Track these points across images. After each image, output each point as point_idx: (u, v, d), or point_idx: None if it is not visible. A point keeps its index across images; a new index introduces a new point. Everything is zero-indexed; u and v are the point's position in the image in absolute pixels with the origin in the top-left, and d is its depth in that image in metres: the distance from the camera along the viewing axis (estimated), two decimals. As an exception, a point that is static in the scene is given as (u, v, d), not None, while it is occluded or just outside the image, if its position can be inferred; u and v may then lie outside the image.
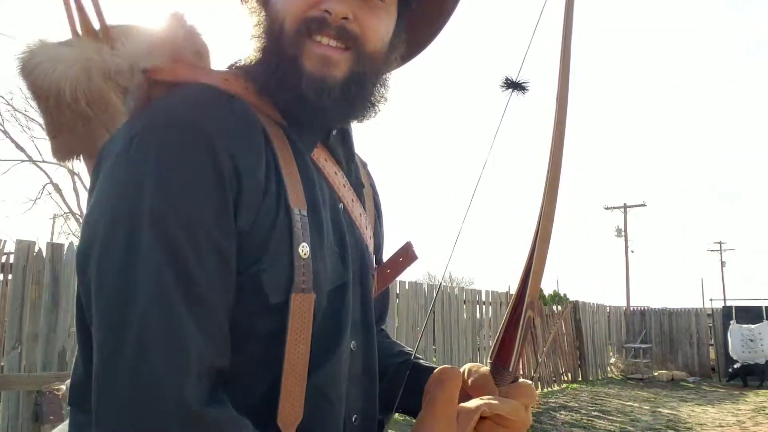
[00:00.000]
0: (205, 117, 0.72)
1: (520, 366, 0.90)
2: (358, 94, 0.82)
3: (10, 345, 4.26)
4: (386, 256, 1.05)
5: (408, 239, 1.02)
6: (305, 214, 0.77)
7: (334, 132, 0.89)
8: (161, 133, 0.71)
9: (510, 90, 0.99)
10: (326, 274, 0.78)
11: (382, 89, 0.87)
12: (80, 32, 0.78)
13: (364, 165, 1.05)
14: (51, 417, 3.34)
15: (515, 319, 0.87)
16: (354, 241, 0.87)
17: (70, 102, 0.75)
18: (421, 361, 1.02)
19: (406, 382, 0.95)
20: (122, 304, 0.65)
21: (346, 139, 0.93)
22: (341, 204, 0.87)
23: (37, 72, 0.75)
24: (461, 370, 0.90)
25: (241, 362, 0.73)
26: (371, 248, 0.93)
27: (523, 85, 1.00)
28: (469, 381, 0.88)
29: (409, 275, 9.81)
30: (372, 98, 0.85)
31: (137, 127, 0.72)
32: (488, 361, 0.89)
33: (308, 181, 0.80)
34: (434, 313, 8.48)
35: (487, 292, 10.09)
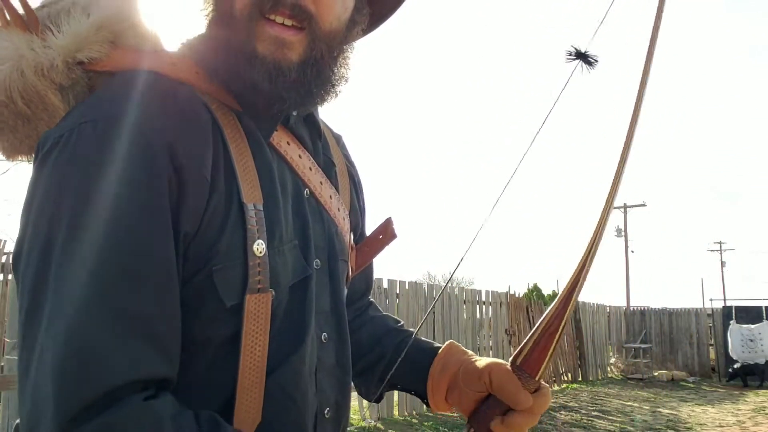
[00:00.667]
0: (141, 111, 0.67)
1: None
2: (316, 77, 0.77)
3: (10, 345, 4.25)
4: (369, 229, 1.03)
5: (389, 215, 1.00)
6: (261, 208, 0.73)
7: (294, 113, 0.84)
8: (89, 131, 0.66)
9: (577, 61, 0.93)
10: (286, 269, 0.75)
11: (342, 69, 0.81)
12: (8, 21, 0.72)
13: (338, 138, 1.00)
14: (51, 417, 3.33)
15: (552, 329, 0.83)
16: (321, 229, 0.84)
17: (6, 102, 0.71)
18: (420, 339, 1.01)
19: (407, 363, 0.94)
20: (35, 321, 0.62)
21: (309, 117, 0.88)
22: (306, 189, 0.83)
23: None
24: (483, 365, 0.87)
25: (200, 371, 0.71)
26: (345, 229, 0.90)
27: (592, 58, 0.93)
28: (492, 379, 0.84)
29: (409, 275, 9.80)
30: (331, 80, 0.80)
31: (65, 127, 0.67)
32: (511, 361, 0.85)
33: (266, 171, 0.76)
34: (434, 313, 8.48)
35: (487, 292, 10.09)
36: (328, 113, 0.97)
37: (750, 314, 13.07)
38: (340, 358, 0.85)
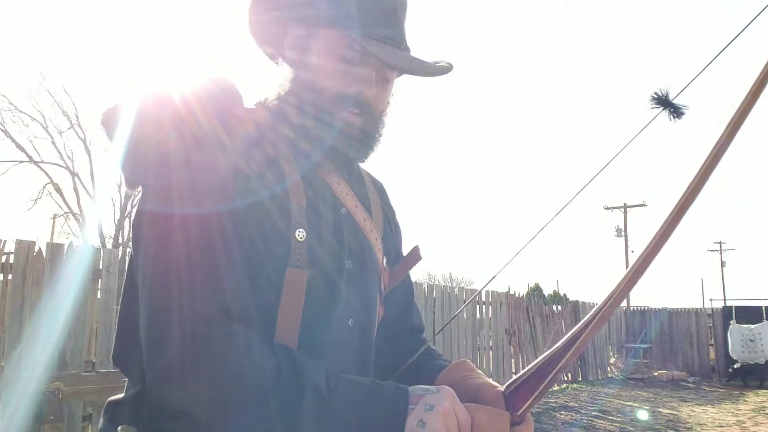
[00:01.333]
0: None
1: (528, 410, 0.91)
2: (364, 146, 1.02)
3: (10, 345, 4.26)
4: None
5: (416, 243, 1.19)
6: (303, 207, 0.94)
7: (341, 160, 1.04)
8: None
9: (661, 109, 0.92)
10: (323, 256, 0.95)
11: (381, 136, 1.05)
12: None
13: (376, 184, 1.21)
14: (51, 417, 3.33)
15: (546, 372, 0.86)
16: (354, 236, 1.02)
17: None
18: (439, 359, 1.13)
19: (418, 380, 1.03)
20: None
21: (351, 166, 1.10)
22: (344, 208, 1.03)
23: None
24: (471, 377, 0.99)
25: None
26: (377, 248, 1.07)
27: (681, 108, 0.92)
28: (482, 396, 0.94)
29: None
30: (373, 145, 1.04)
31: None
32: (505, 386, 0.92)
33: (310, 185, 0.98)
34: (434, 313, 8.49)
35: (487, 292, 10.08)
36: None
37: (750, 314, 13.06)
38: (363, 345, 1.01)
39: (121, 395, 0.95)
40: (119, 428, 0.88)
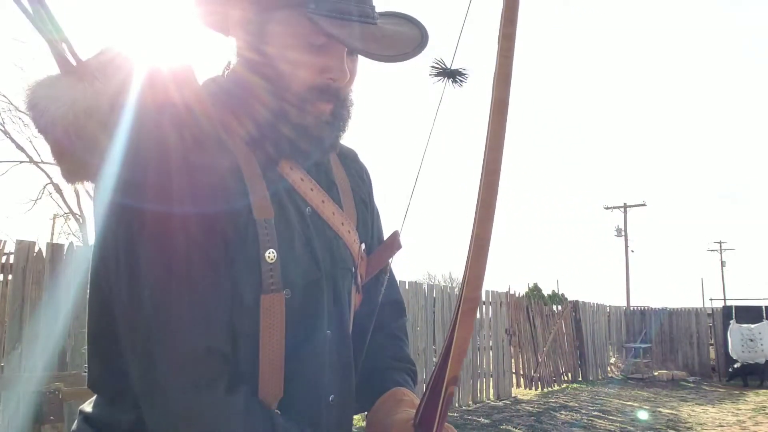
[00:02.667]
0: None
1: None
2: (335, 130, 0.93)
3: (10, 345, 4.26)
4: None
5: (395, 229, 1.11)
6: (271, 222, 0.87)
7: (308, 151, 0.95)
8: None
9: (444, 79, 0.92)
10: (298, 272, 0.89)
11: (350, 115, 0.96)
12: (66, 70, 0.83)
13: (347, 154, 1.12)
14: (51, 417, 3.34)
15: (437, 391, 0.83)
16: (323, 238, 0.96)
17: (62, 138, 0.81)
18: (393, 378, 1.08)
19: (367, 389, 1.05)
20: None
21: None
22: (308, 207, 0.96)
23: (35, 110, 0.81)
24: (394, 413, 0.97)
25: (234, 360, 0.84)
26: (350, 240, 1.01)
27: (461, 72, 0.91)
28: None
29: (409, 275, 9.79)
30: (345, 127, 0.95)
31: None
32: (414, 418, 0.91)
33: (274, 191, 0.90)
34: (434, 313, 8.48)
35: (487, 292, 10.08)
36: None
37: (750, 314, 13.06)
38: (341, 352, 0.97)
39: (92, 408, 0.92)
40: None
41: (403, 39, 0.92)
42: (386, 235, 1.15)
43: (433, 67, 0.93)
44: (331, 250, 0.97)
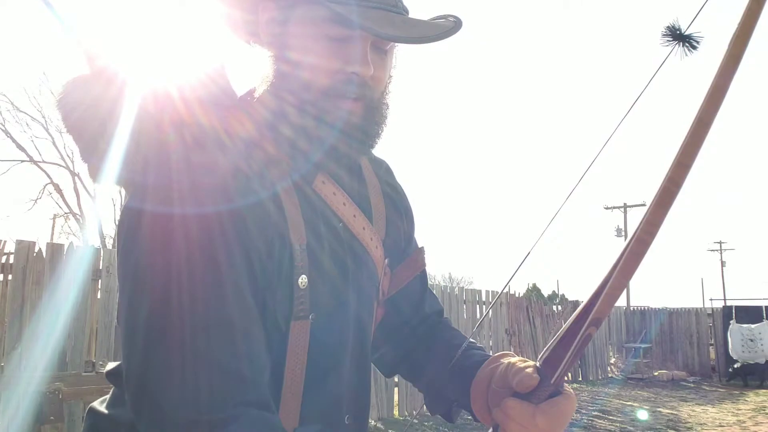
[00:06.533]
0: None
1: (564, 379, 0.86)
2: (368, 136, 0.89)
3: (10, 345, 4.26)
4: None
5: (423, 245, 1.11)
6: (305, 247, 0.85)
7: (342, 161, 0.93)
8: None
9: (676, 43, 0.84)
10: (324, 295, 0.88)
11: (384, 123, 0.92)
12: (93, 71, 0.83)
13: (380, 164, 1.10)
14: (51, 417, 3.33)
15: (574, 331, 0.80)
16: (352, 256, 0.94)
17: (88, 140, 0.81)
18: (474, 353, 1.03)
19: (456, 382, 1.00)
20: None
21: (351, 164, 0.98)
22: (341, 223, 0.94)
23: (64, 111, 0.82)
24: (503, 362, 0.93)
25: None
26: (376, 257, 1.00)
27: (694, 38, 0.84)
28: (514, 378, 0.87)
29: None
30: (376, 134, 0.91)
31: None
32: (538, 362, 0.86)
33: (308, 210, 0.88)
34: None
35: (487, 292, 10.09)
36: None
37: (750, 314, 13.05)
38: (360, 373, 0.96)
39: (104, 407, 0.91)
40: None
41: (430, 25, 0.87)
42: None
43: (666, 29, 0.85)
44: (360, 264, 0.96)
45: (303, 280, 0.84)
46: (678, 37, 0.83)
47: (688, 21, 0.82)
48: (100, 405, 0.93)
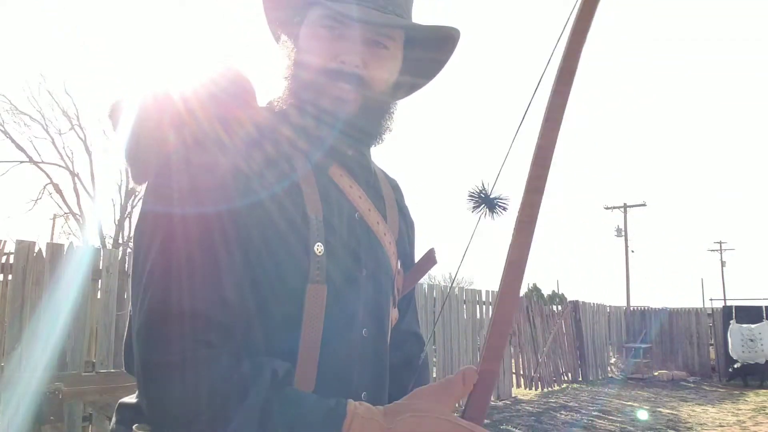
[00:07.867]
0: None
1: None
2: (366, 126, 0.97)
3: (10, 345, 4.26)
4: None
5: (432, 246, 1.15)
6: (321, 219, 0.91)
7: (349, 152, 1.00)
8: None
9: (481, 206, 0.97)
10: (339, 270, 0.92)
11: (387, 122, 1.00)
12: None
13: (392, 183, 1.17)
14: (51, 417, 3.34)
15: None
16: (368, 243, 0.99)
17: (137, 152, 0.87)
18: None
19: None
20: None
21: (363, 160, 1.04)
22: (357, 213, 0.99)
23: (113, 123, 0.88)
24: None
25: (259, 337, 0.85)
26: (390, 252, 1.04)
27: (499, 202, 0.97)
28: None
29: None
30: (378, 130, 0.99)
31: None
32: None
33: (324, 193, 0.94)
34: (434, 313, 8.48)
35: (487, 292, 10.08)
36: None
37: (750, 314, 13.04)
38: (377, 352, 0.99)
39: (134, 398, 0.93)
40: (134, 426, 0.86)
41: (414, 22, 0.96)
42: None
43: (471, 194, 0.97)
44: (376, 255, 1.00)
45: (319, 247, 0.89)
46: (484, 200, 0.96)
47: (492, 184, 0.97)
48: (128, 399, 0.95)
